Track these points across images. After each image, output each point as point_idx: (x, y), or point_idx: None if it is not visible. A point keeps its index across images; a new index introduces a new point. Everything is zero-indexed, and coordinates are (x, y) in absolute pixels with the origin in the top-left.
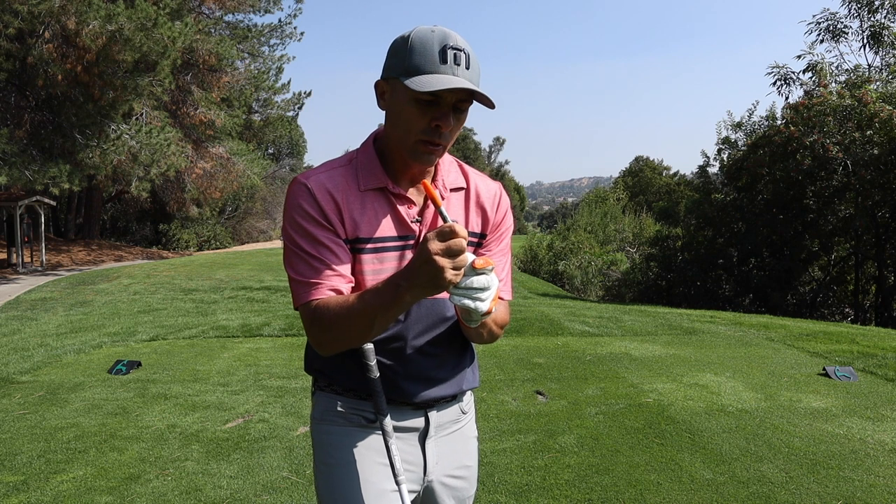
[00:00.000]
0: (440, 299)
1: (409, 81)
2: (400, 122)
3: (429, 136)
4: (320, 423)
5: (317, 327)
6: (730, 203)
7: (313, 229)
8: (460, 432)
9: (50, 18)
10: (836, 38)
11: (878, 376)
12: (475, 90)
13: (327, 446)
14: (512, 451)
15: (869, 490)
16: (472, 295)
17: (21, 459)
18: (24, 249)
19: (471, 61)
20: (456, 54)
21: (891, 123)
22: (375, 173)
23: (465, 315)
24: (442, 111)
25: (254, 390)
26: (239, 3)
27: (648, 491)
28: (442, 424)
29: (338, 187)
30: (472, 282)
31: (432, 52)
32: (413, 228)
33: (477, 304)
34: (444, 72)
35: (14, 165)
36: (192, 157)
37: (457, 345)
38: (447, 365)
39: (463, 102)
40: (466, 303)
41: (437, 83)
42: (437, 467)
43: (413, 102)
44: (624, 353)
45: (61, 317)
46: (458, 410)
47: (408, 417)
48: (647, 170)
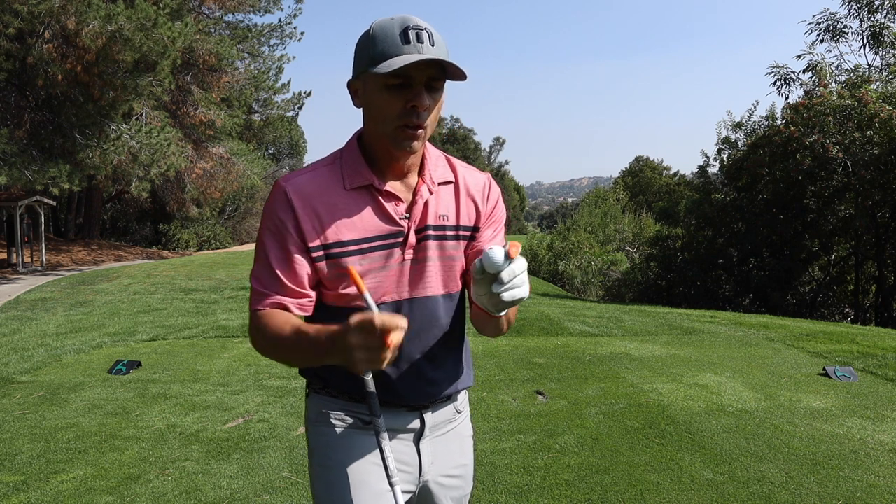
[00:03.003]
0: (432, 298)
1: (376, 69)
2: (376, 114)
3: (406, 118)
4: (316, 425)
5: (256, 335)
6: (730, 203)
7: (281, 241)
8: (455, 431)
9: (50, 18)
10: (836, 38)
11: (878, 376)
12: (443, 61)
13: (323, 448)
14: (512, 451)
15: (869, 490)
16: (518, 285)
17: (21, 459)
18: (24, 249)
19: (434, 38)
20: (418, 33)
21: (891, 123)
22: (360, 171)
23: (500, 306)
24: (414, 91)
25: (254, 390)
26: (239, 3)
27: (648, 491)
28: (437, 425)
29: (319, 190)
30: (513, 270)
31: (394, 36)
32: (401, 225)
33: (523, 292)
34: (409, 51)
35: (14, 165)
36: (192, 157)
37: (451, 344)
38: (442, 365)
39: (436, 81)
40: (517, 295)
41: (403, 61)
42: (433, 467)
43: (384, 90)
44: (624, 353)
45: (61, 317)
46: (452, 410)
47: (403, 419)
48: (647, 170)
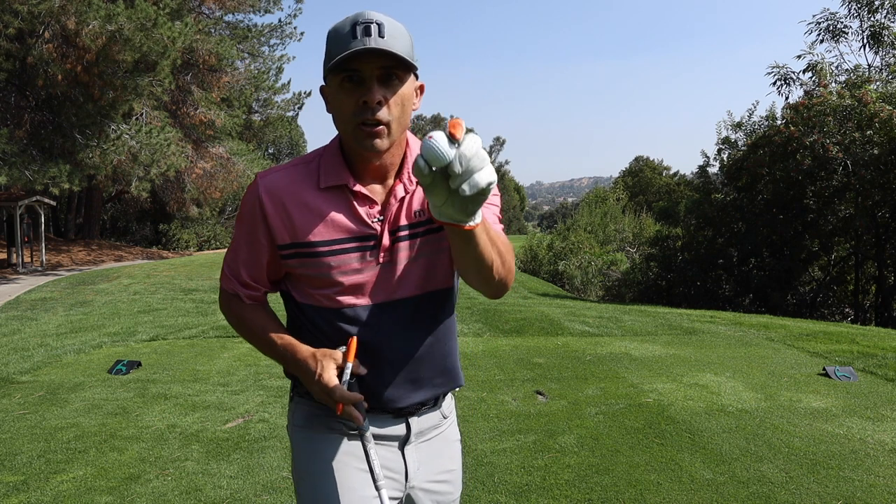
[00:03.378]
0: (412, 299)
1: (325, 69)
2: (337, 114)
3: (361, 116)
4: (301, 430)
5: (226, 313)
6: (730, 203)
7: (249, 236)
8: (442, 437)
9: (50, 18)
10: (836, 38)
11: (878, 376)
12: (383, 49)
13: (309, 453)
14: (512, 451)
15: (869, 490)
16: (476, 168)
17: (21, 459)
18: (24, 249)
19: (385, 30)
20: (366, 26)
21: (891, 123)
22: (336, 171)
23: (467, 206)
24: (366, 87)
25: (254, 390)
26: (239, 3)
27: (648, 491)
28: (423, 431)
29: (292, 188)
30: (464, 153)
31: (344, 33)
32: (373, 228)
33: (486, 175)
34: (354, 46)
35: (14, 165)
36: (192, 157)
37: (436, 346)
38: (425, 368)
39: (390, 76)
40: (480, 181)
41: (343, 55)
42: (419, 473)
43: (340, 89)
44: (624, 353)
45: (61, 317)
46: (438, 415)
47: (388, 425)
48: (647, 170)
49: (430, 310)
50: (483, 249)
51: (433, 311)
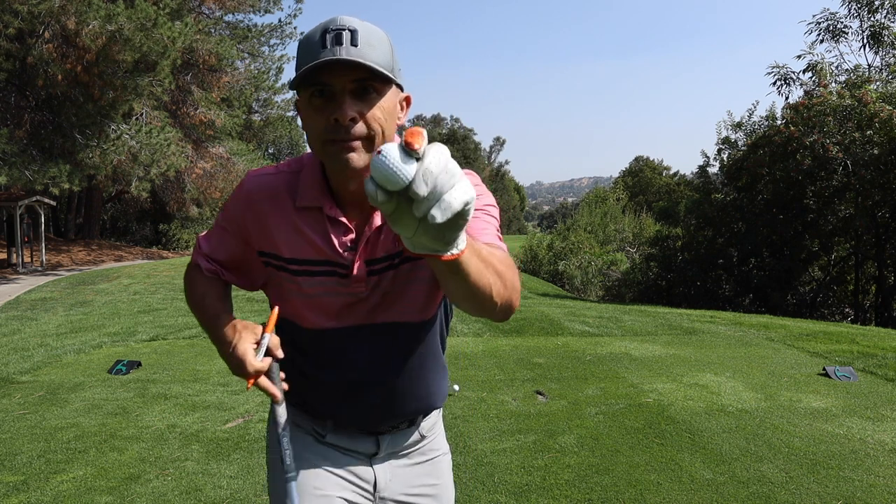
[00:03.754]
0: (389, 328)
1: (294, 83)
2: (307, 133)
3: (332, 133)
4: (272, 425)
5: (185, 279)
6: (730, 203)
7: (225, 225)
8: (419, 453)
9: (50, 18)
10: (836, 38)
11: (878, 376)
12: (353, 61)
13: (276, 447)
14: (512, 451)
15: (869, 490)
16: (445, 188)
17: (21, 459)
18: (24, 249)
19: (358, 38)
20: (337, 34)
21: (891, 123)
22: (313, 191)
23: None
24: (337, 102)
25: (254, 390)
26: (239, 3)
27: (648, 491)
28: (395, 450)
29: (274, 199)
30: (428, 169)
31: (313, 42)
32: (344, 258)
33: (460, 194)
34: (323, 56)
35: (14, 165)
36: (192, 157)
37: (415, 375)
38: (401, 396)
39: (366, 90)
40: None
41: (307, 66)
42: (392, 485)
43: (310, 106)
44: (624, 353)
45: (61, 317)
46: (415, 434)
47: (356, 440)
48: (647, 170)
49: (408, 339)
50: (475, 277)
51: (412, 340)
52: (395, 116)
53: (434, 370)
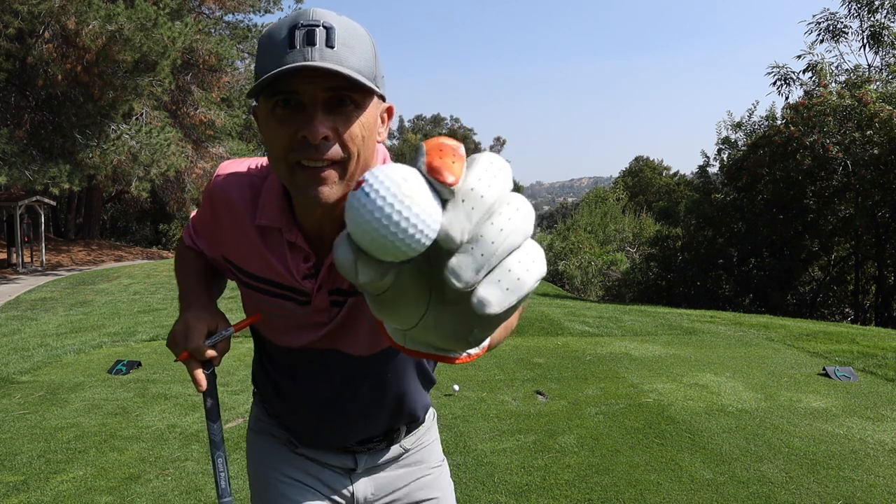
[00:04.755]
0: (354, 358)
1: (254, 89)
2: (268, 149)
3: (300, 153)
4: (253, 433)
5: (176, 253)
6: (730, 203)
7: (203, 215)
8: (404, 464)
9: (50, 18)
10: (836, 38)
11: (878, 376)
12: (328, 68)
13: (255, 457)
14: (512, 451)
15: (869, 490)
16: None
17: (21, 459)
18: (24, 249)
19: (335, 37)
20: (309, 32)
21: (891, 123)
22: (273, 210)
23: (482, 329)
24: (307, 115)
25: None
26: (239, 3)
27: (648, 491)
28: (375, 465)
29: (233, 209)
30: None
31: (279, 40)
32: (302, 286)
33: (536, 270)
34: (292, 59)
35: (14, 165)
36: (192, 157)
37: (390, 394)
38: (374, 415)
39: (342, 101)
40: (522, 285)
41: (271, 73)
42: (375, 494)
43: (272, 116)
44: (624, 353)
45: (61, 317)
46: (397, 448)
47: (331, 456)
48: (647, 170)
49: (380, 364)
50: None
51: (385, 365)
52: (376, 133)
53: (410, 387)
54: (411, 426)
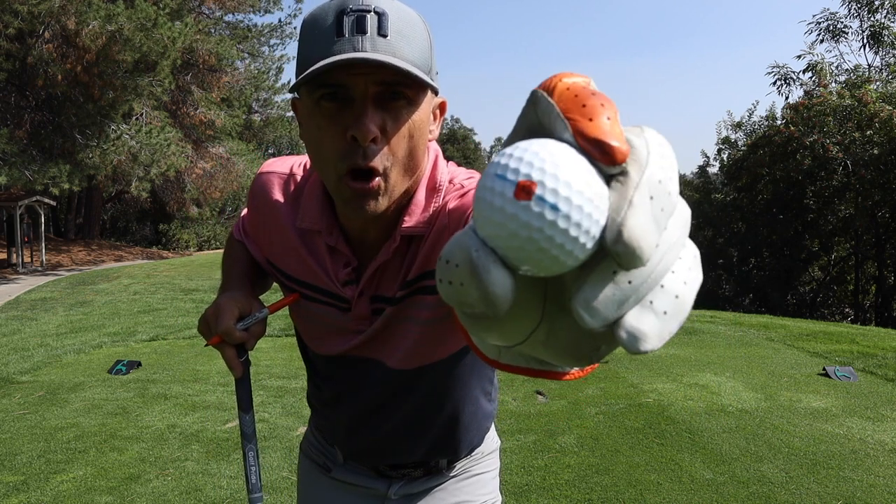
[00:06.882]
0: (395, 372)
1: (298, 81)
2: (312, 149)
3: (350, 160)
4: (300, 451)
5: (225, 249)
6: (730, 203)
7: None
8: (446, 492)
9: (50, 18)
10: (836, 38)
11: (878, 376)
12: (381, 61)
13: (298, 477)
14: (512, 451)
15: (869, 490)
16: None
17: (21, 459)
18: (24, 249)
19: (388, 23)
20: (359, 18)
21: (891, 123)
22: (314, 212)
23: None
24: (355, 111)
25: (253, 390)
26: (239, 3)
27: (648, 491)
28: (411, 494)
29: (274, 209)
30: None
31: (325, 27)
32: (343, 293)
33: (684, 285)
34: (340, 49)
35: (14, 165)
36: (192, 157)
37: (437, 415)
38: (412, 443)
39: (394, 95)
40: (684, 301)
41: (318, 65)
42: None
43: (316, 111)
44: (624, 352)
45: (61, 317)
46: (439, 477)
47: (364, 480)
48: None
49: (425, 383)
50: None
51: (431, 385)
52: (427, 131)
53: (462, 415)
54: (452, 457)
